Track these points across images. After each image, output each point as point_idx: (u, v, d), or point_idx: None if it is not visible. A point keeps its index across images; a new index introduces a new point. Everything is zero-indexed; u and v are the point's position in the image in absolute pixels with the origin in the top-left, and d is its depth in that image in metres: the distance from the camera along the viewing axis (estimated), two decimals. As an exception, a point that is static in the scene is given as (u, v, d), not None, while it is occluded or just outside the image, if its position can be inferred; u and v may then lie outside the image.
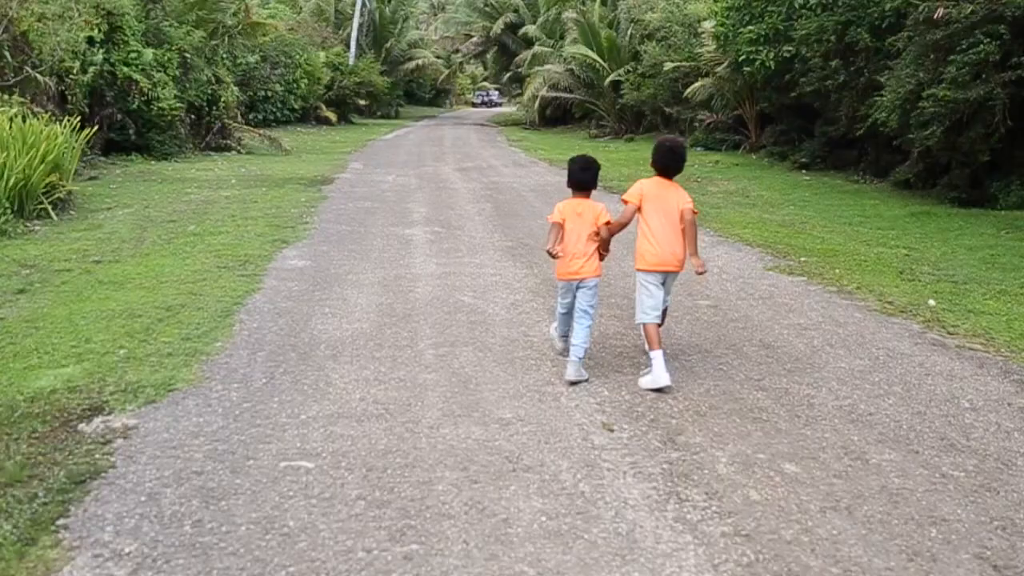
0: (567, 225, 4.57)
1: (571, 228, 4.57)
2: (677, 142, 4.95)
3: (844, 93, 14.58)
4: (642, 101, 25.51)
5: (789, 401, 4.15)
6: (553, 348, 4.89)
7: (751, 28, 16.54)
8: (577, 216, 4.58)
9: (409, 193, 12.86)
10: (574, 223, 4.57)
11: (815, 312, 5.93)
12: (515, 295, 6.29)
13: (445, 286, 6.54)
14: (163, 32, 18.66)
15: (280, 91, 30.84)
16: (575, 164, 4.74)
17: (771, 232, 9.55)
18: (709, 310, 5.94)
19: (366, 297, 6.16)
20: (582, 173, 4.69)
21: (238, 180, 14.46)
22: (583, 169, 4.70)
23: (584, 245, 4.56)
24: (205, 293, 6.19)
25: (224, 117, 20.74)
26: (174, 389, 4.22)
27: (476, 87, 77.35)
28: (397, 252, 7.97)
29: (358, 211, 10.74)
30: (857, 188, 14.13)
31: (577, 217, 4.58)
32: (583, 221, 4.57)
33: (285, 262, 7.43)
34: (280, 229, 9.13)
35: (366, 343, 5.02)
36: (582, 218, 4.57)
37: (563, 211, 4.61)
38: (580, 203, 4.64)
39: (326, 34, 39.73)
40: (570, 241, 4.56)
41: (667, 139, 4.98)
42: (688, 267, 4.67)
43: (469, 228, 9.49)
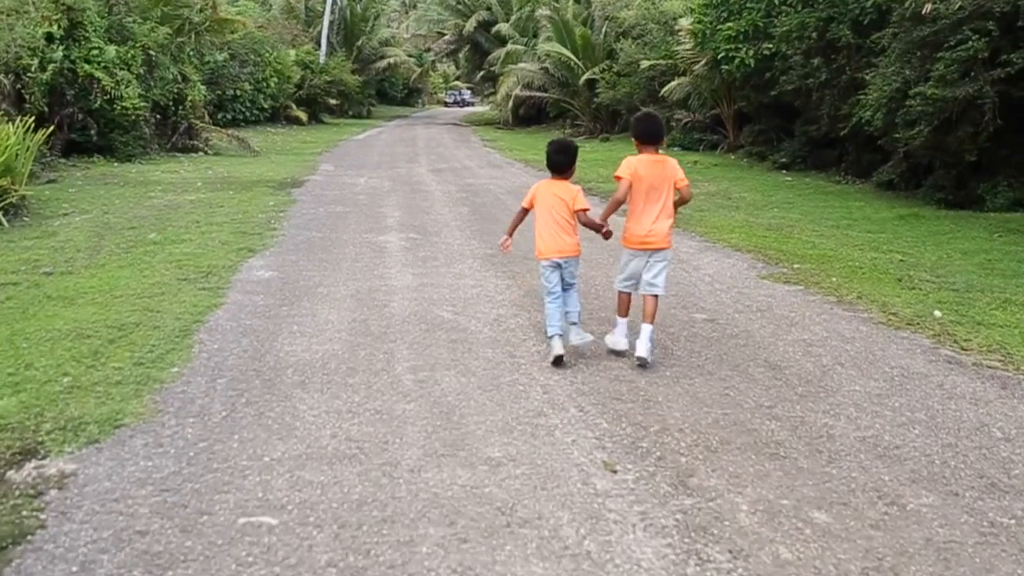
0: (540, 207, 4.80)
1: (546, 210, 4.78)
2: (650, 112, 5.35)
3: (826, 92, 14.32)
4: (618, 100, 25.18)
5: (806, 432, 3.77)
6: (552, 345, 4.69)
7: (730, 25, 16.25)
8: (553, 196, 4.78)
9: (382, 196, 12.39)
10: (549, 205, 4.77)
11: (818, 326, 5.58)
12: (498, 309, 5.87)
13: (423, 299, 6.10)
14: (126, 29, 18.00)
15: (249, 90, 30.17)
16: (551, 147, 4.95)
17: (759, 237, 9.22)
18: (707, 325, 5.56)
19: (338, 313, 5.71)
20: (557, 155, 4.87)
21: (204, 183, 13.90)
22: (558, 151, 4.88)
23: (564, 228, 4.76)
24: (163, 309, 5.70)
25: (191, 117, 20.11)
26: (121, 425, 3.76)
27: (448, 86, 76.78)
28: (371, 261, 7.51)
29: (329, 216, 10.26)
30: (840, 189, 13.87)
31: (553, 197, 4.78)
32: (559, 202, 4.76)
33: (251, 273, 6.95)
34: (246, 236, 8.64)
35: (338, 367, 4.58)
36: (555, 199, 4.77)
37: (536, 193, 4.87)
38: (556, 184, 4.85)
39: (296, 32, 39.01)
40: (549, 223, 4.76)
41: (642, 112, 5.35)
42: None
43: (446, 234, 9.05)
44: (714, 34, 17.53)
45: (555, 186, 4.84)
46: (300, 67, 35.24)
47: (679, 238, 9.08)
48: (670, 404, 4.08)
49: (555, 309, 4.75)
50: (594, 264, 7.30)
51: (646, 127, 4.89)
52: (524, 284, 6.57)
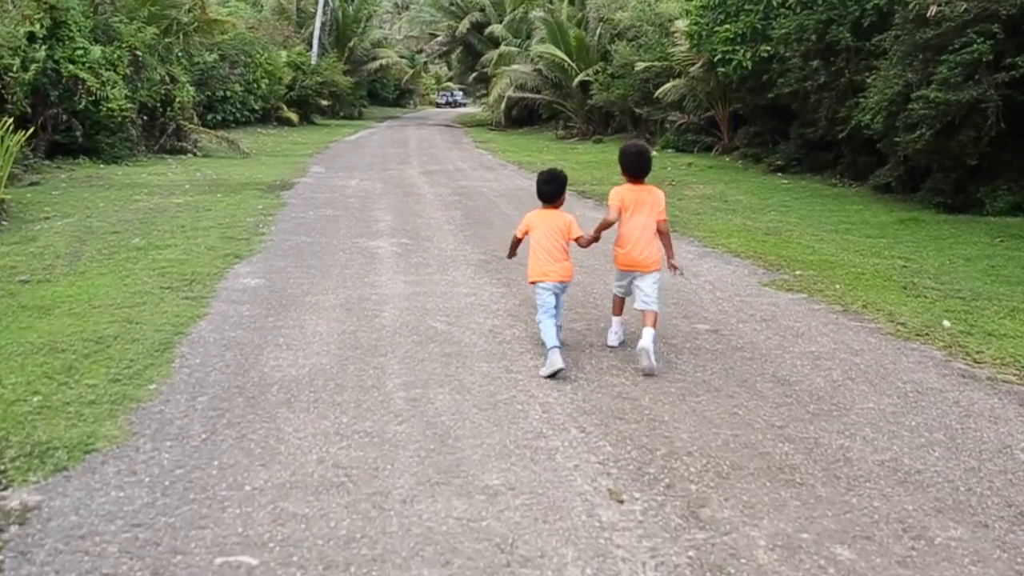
0: (536, 235, 4.87)
1: (541, 237, 4.86)
2: (643, 146, 5.30)
3: (824, 94, 14.14)
4: (611, 102, 24.99)
5: (822, 455, 3.56)
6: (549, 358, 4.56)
7: (727, 27, 16.07)
8: (549, 225, 4.87)
9: (373, 199, 12.15)
10: (543, 233, 4.85)
11: (825, 337, 5.37)
12: (493, 319, 5.65)
13: (415, 309, 5.87)
14: (112, 28, 17.72)
15: (240, 91, 29.87)
16: (540, 178, 5.00)
17: (758, 241, 9.02)
18: (710, 336, 5.35)
19: (326, 324, 5.47)
20: (545, 186, 4.94)
21: (192, 185, 13.64)
22: (546, 182, 4.95)
23: (556, 253, 4.86)
24: (143, 321, 5.46)
25: (179, 118, 19.82)
26: (92, 450, 3.52)
27: (440, 87, 76.55)
28: (361, 268, 7.28)
29: (319, 220, 10.02)
30: (837, 192, 13.70)
31: (549, 226, 4.87)
32: (554, 230, 4.86)
33: (237, 281, 6.71)
34: (233, 242, 8.39)
35: (326, 384, 4.35)
36: (551, 227, 4.87)
37: (530, 222, 4.93)
38: (549, 214, 4.94)
39: (288, 33, 38.71)
40: (546, 248, 4.84)
41: (632, 145, 5.28)
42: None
43: (438, 239, 8.82)
44: (711, 36, 17.35)
45: (548, 215, 4.94)
46: (291, 68, 34.96)
47: (677, 242, 8.87)
48: (677, 424, 3.86)
49: (551, 325, 4.75)
50: (590, 270, 7.10)
51: (635, 163, 5.06)
52: (519, 292, 6.35)
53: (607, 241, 5.30)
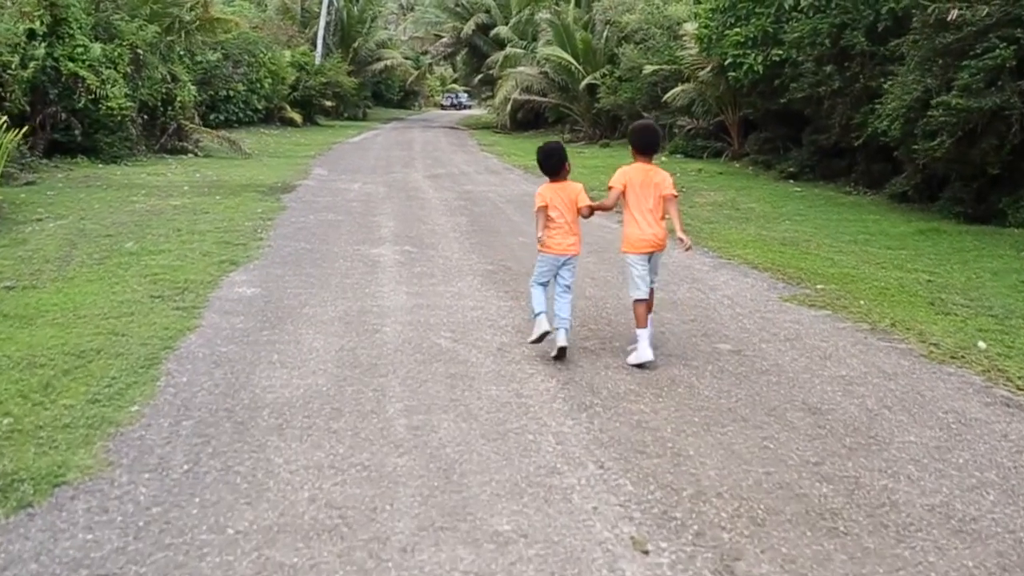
0: (551, 207, 4.95)
1: (555, 210, 4.94)
2: (650, 122, 5.52)
3: (838, 100, 13.81)
4: (619, 105, 24.67)
5: (865, 498, 3.23)
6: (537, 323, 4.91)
7: (737, 30, 15.75)
8: (559, 198, 4.96)
9: (377, 203, 11.84)
10: (557, 205, 4.94)
11: (855, 359, 5.04)
12: (501, 336, 5.32)
13: (418, 324, 5.55)
14: (113, 26, 17.44)
15: (243, 91, 29.59)
16: (540, 154, 5.13)
17: (775, 252, 8.69)
18: (733, 358, 5.02)
19: (324, 339, 5.15)
20: (547, 162, 5.07)
21: (191, 187, 13.34)
22: (548, 156, 5.07)
23: (568, 224, 4.97)
24: (129, 333, 5.14)
25: (180, 118, 19.53)
26: (62, 483, 3.21)
27: (445, 89, 76.30)
28: (362, 277, 6.96)
29: (320, 225, 9.71)
30: (853, 201, 13.36)
31: (559, 199, 4.96)
32: (564, 201, 4.96)
33: (231, 290, 6.40)
34: (230, 247, 8.08)
35: (321, 407, 4.02)
36: (564, 199, 4.97)
37: (544, 195, 4.99)
38: (558, 186, 5.01)
39: (292, 33, 38.42)
40: (555, 220, 4.94)
41: (641, 122, 5.43)
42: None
43: (443, 247, 8.50)
44: (721, 39, 17.04)
45: (557, 188, 5.02)
46: (295, 68, 34.68)
47: (692, 253, 8.55)
48: (703, 459, 3.54)
49: (540, 292, 4.97)
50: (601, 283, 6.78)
51: (644, 139, 5.12)
52: (528, 307, 6.02)
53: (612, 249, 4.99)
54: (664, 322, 5.73)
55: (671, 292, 6.70)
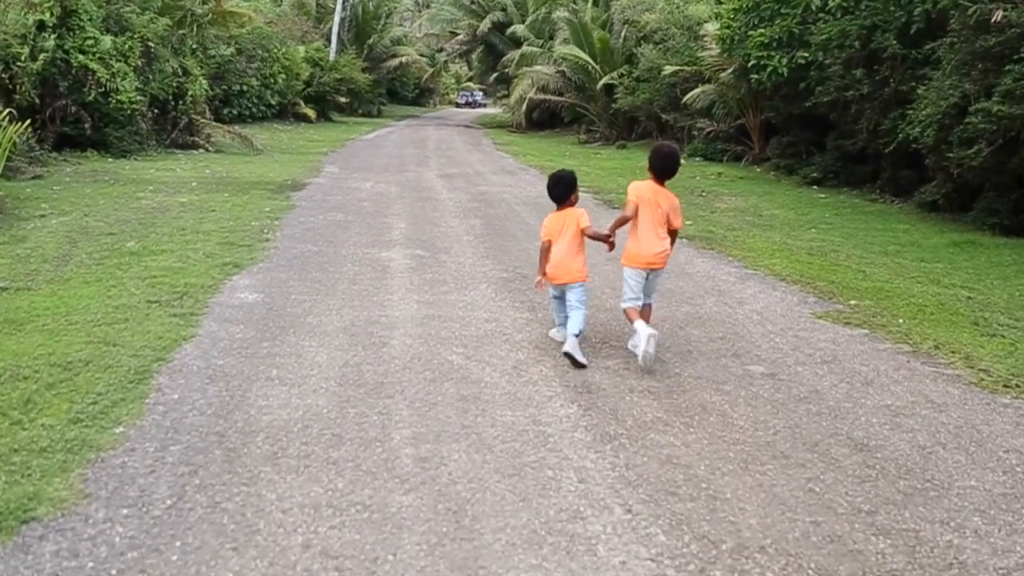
0: (555, 242, 5.05)
1: (556, 242, 5.05)
2: (675, 149, 5.35)
3: (866, 104, 13.38)
4: (637, 106, 24.25)
5: (928, 558, 2.86)
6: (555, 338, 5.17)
7: (762, 31, 15.32)
8: (562, 227, 5.07)
9: (388, 204, 11.51)
10: (560, 235, 5.05)
11: (899, 387, 4.66)
12: (517, 352, 4.97)
13: (428, 337, 5.20)
14: (124, 19, 17.19)
15: (256, 86, 29.40)
16: (549, 181, 5.23)
17: (803, 263, 8.31)
18: (767, 382, 4.65)
19: (327, 353, 4.81)
20: (554, 188, 5.17)
21: (199, 183, 13.05)
22: (554, 184, 5.17)
23: (570, 252, 5.03)
24: (122, 342, 4.82)
25: (191, 112, 19.28)
26: (32, 519, 2.88)
27: (460, 87, 75.99)
28: (371, 283, 6.62)
29: (328, 225, 9.38)
30: (880, 209, 12.94)
31: (562, 228, 5.06)
32: (566, 230, 5.04)
33: (233, 295, 6.07)
34: (234, 248, 7.76)
35: (320, 433, 3.68)
36: (565, 227, 5.05)
37: (549, 228, 5.11)
38: (561, 215, 5.12)
39: (306, 28, 38.20)
40: (557, 252, 5.03)
41: (665, 145, 5.37)
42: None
43: (456, 252, 8.16)
44: (743, 40, 16.61)
45: (561, 216, 5.12)
46: (309, 64, 34.45)
47: (716, 263, 8.19)
48: (742, 504, 3.17)
49: (559, 304, 5.17)
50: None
51: (665, 165, 5.14)
52: (546, 319, 5.67)
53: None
54: (692, 340, 5.37)
55: (696, 306, 6.33)
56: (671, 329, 5.60)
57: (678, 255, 8.58)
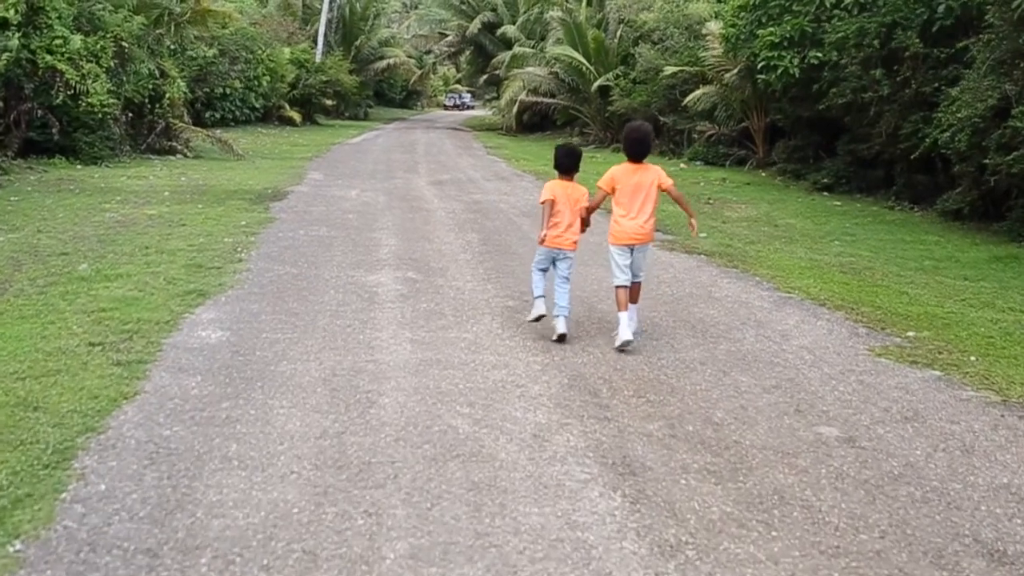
0: (558, 203, 5.32)
1: (560, 206, 5.32)
2: (642, 131, 5.56)
3: (885, 107, 12.55)
4: (634, 109, 23.34)
5: None
6: (534, 305, 5.42)
7: (771, 30, 14.47)
8: (566, 196, 5.35)
9: (376, 215, 10.58)
10: (563, 202, 5.33)
11: (1008, 455, 3.78)
12: (535, 413, 4.06)
13: (426, 391, 4.29)
14: (96, 17, 16.19)
15: (240, 88, 28.43)
16: (560, 150, 5.63)
17: (839, 284, 7.44)
18: (847, 451, 3.75)
19: (301, 416, 3.89)
20: (566, 159, 5.51)
21: (173, 192, 12.11)
22: (567, 155, 5.54)
23: (570, 221, 5.34)
24: (46, 404, 3.89)
25: (168, 116, 18.27)
26: None
27: (448, 89, 75.05)
28: (356, 316, 5.70)
29: (310, 242, 8.45)
30: (901, 218, 12.11)
31: (565, 196, 5.35)
32: (569, 200, 5.35)
33: (193, 333, 5.14)
34: (202, 272, 6.83)
35: (287, 551, 2.76)
36: (569, 197, 5.35)
37: (553, 190, 5.38)
38: (567, 184, 5.43)
39: (292, 29, 37.20)
40: (559, 216, 5.31)
41: (633, 127, 5.66)
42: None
43: (453, 273, 7.25)
44: (749, 40, 15.78)
45: (567, 187, 5.43)
46: (295, 66, 33.46)
47: (744, 284, 7.32)
48: (872, 666, 2.28)
49: (539, 277, 5.44)
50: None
51: (635, 148, 5.40)
52: (566, 363, 4.78)
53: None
54: (742, 390, 4.48)
55: (736, 342, 5.45)
56: (714, 375, 4.71)
57: (700, 275, 7.72)
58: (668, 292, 6.83)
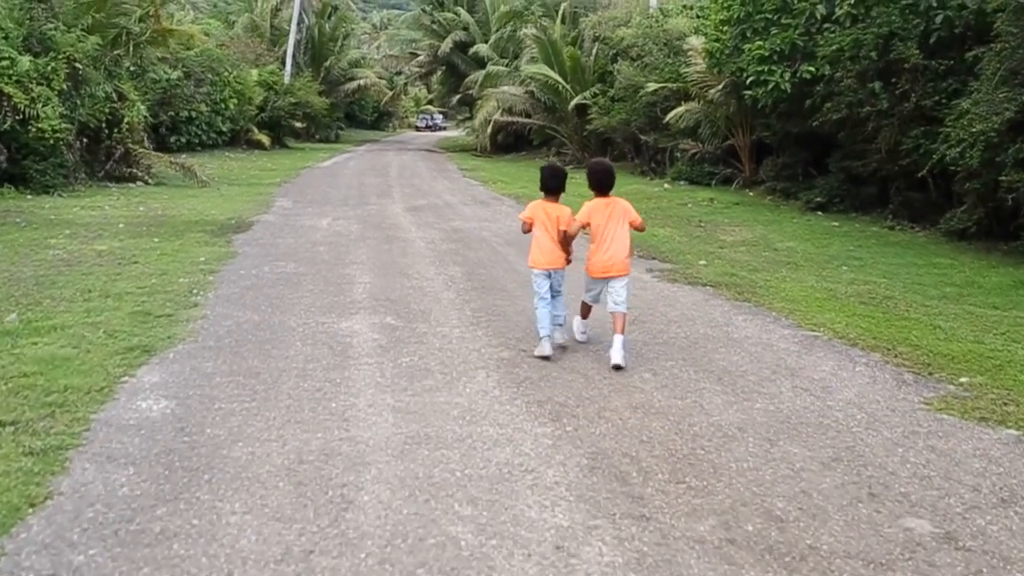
0: (538, 224, 5.46)
1: (541, 227, 5.44)
2: (606, 165, 5.81)
3: (883, 121, 11.97)
4: (612, 127, 22.75)
5: None
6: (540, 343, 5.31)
7: (760, 44, 13.88)
8: (547, 216, 5.45)
9: (349, 248, 9.75)
10: (546, 222, 5.43)
11: None
12: (555, 512, 3.23)
13: (415, 483, 3.45)
14: (47, 37, 15.28)
15: (206, 112, 27.54)
16: (545, 171, 5.72)
17: (863, 318, 6.72)
18: (948, 553, 2.98)
19: (258, 525, 3.05)
20: (552, 180, 5.60)
21: (128, 224, 11.21)
22: (552, 176, 5.63)
23: (554, 241, 5.44)
24: (-73, 516, 3.01)
25: (128, 141, 17.33)
26: None
27: (420, 110, 74.46)
28: (327, 377, 4.85)
29: (275, 280, 7.61)
30: (905, 239, 11.49)
31: (547, 217, 5.45)
32: (550, 219, 5.44)
33: (131, 404, 4.28)
34: (150, 321, 5.96)
35: None
36: (549, 217, 5.45)
37: (534, 211, 5.54)
38: (550, 205, 5.53)
39: (260, 51, 36.35)
40: (541, 237, 5.45)
41: (595, 164, 5.82)
42: None
43: (437, 316, 6.43)
44: (734, 54, 15.19)
45: (549, 207, 5.49)
46: (263, 88, 32.63)
47: (762, 321, 6.57)
48: None
49: (546, 313, 5.35)
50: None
51: (600, 180, 5.57)
52: (581, 435, 3.98)
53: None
54: (797, 466, 3.70)
55: (771, 397, 4.68)
56: (759, 446, 3.93)
57: (711, 311, 6.96)
58: (681, 334, 6.06)
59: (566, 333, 5.61)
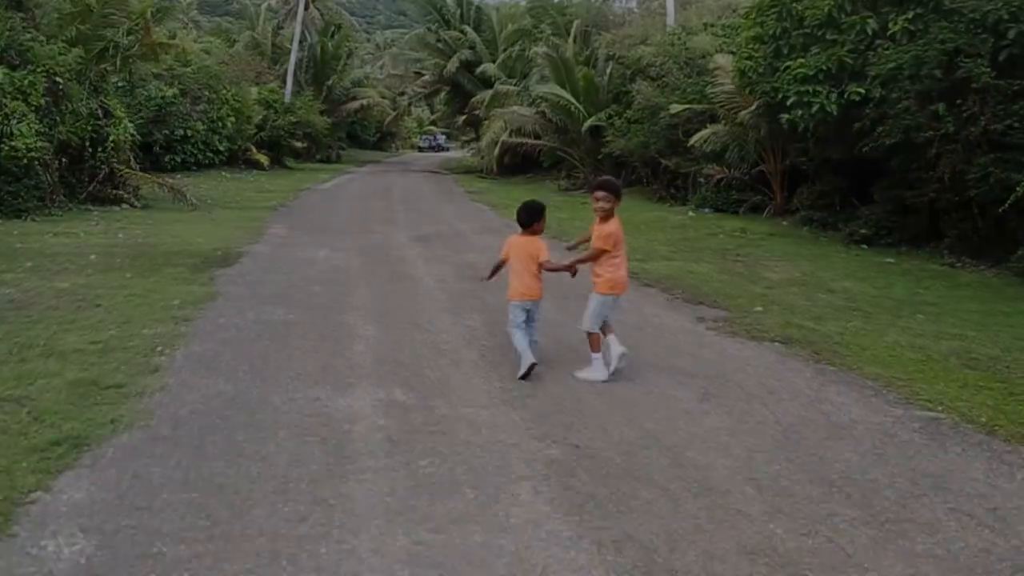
0: (514, 258, 5.70)
1: (518, 261, 5.68)
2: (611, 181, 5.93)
3: (946, 147, 10.72)
4: (630, 151, 21.51)
5: None
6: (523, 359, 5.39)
7: (802, 62, 12.66)
8: (521, 251, 5.68)
9: (349, 288, 8.46)
10: (520, 257, 5.67)
11: None
12: None
13: None
14: (25, 48, 14.11)
15: (203, 130, 26.45)
16: (521, 208, 5.86)
17: (979, 390, 5.45)
18: None
19: None
20: (524, 215, 5.76)
21: (101, 255, 9.94)
22: (523, 210, 5.79)
23: (531, 274, 5.64)
24: None
25: (113, 161, 16.07)
26: None
27: (422, 131, 73.55)
28: (316, 497, 3.53)
29: (260, 333, 6.32)
30: (976, 279, 10.19)
31: (521, 252, 5.67)
32: (526, 255, 5.64)
33: (30, 547, 2.99)
34: (93, 395, 4.67)
35: None
36: (523, 250, 5.67)
37: (510, 247, 5.76)
38: (524, 240, 5.72)
39: (261, 69, 35.29)
40: (520, 271, 5.66)
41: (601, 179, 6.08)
42: None
43: (458, 387, 5.13)
44: (769, 74, 13.98)
45: (524, 242, 5.72)
46: (262, 106, 31.56)
47: (858, 393, 5.26)
48: None
49: (522, 336, 5.57)
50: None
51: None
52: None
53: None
54: None
55: (931, 530, 3.37)
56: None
57: (794, 380, 5.65)
58: (770, 417, 4.76)
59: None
